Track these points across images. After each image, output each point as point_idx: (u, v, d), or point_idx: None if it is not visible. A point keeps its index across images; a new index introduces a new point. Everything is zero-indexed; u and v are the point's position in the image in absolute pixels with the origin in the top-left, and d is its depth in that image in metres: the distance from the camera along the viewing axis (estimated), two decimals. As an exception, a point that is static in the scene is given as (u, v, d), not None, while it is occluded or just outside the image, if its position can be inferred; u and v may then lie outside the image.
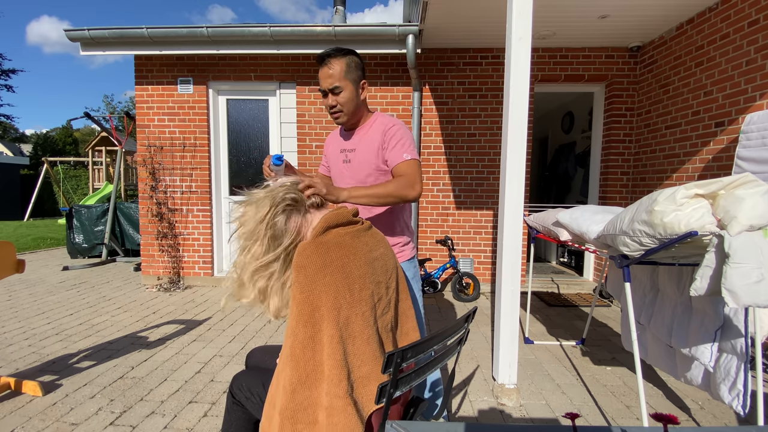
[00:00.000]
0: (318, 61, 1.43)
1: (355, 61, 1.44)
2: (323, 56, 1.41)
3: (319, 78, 1.43)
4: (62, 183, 13.96)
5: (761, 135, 2.30)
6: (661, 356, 2.01)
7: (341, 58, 1.40)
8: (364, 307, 0.91)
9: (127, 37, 3.78)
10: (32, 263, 5.82)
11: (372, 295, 0.94)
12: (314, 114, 4.22)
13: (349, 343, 0.87)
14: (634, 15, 3.30)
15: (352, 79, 1.43)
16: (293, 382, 0.85)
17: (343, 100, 1.43)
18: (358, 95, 1.46)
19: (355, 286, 0.90)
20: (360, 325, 0.89)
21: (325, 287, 0.87)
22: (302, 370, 0.85)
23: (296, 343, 0.86)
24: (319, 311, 0.86)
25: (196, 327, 3.17)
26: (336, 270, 0.90)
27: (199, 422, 1.88)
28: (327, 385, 0.84)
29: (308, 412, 0.84)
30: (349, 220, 1.02)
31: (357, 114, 1.50)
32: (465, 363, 2.54)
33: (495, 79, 4.13)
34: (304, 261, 0.90)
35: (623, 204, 4.07)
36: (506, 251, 2.08)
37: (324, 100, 1.46)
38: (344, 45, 3.69)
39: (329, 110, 1.47)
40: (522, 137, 2.03)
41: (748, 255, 1.22)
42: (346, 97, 1.42)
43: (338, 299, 0.87)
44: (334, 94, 1.42)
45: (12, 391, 2.12)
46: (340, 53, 1.41)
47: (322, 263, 0.89)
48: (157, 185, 4.35)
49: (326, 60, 1.40)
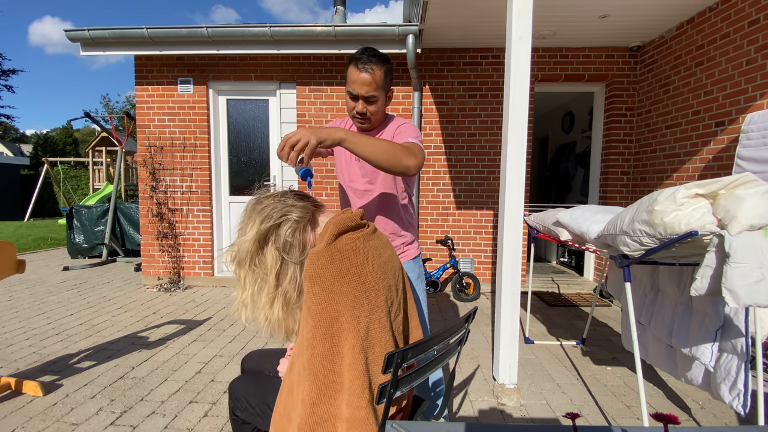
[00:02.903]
0: (355, 62, 1.31)
1: (391, 70, 1.38)
2: (364, 60, 1.29)
3: (353, 80, 1.32)
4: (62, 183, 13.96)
5: (762, 135, 2.30)
6: (661, 356, 2.00)
7: (382, 65, 1.31)
8: (381, 313, 0.89)
9: (127, 37, 3.78)
10: (32, 263, 5.83)
11: (386, 300, 0.92)
12: (314, 114, 4.22)
13: (370, 352, 0.86)
14: (634, 15, 3.30)
15: (385, 88, 1.36)
16: (312, 396, 0.83)
17: (374, 110, 1.37)
18: (387, 103, 1.42)
19: (371, 293, 0.88)
20: (378, 331, 0.88)
21: (342, 297, 0.84)
22: (321, 383, 0.83)
23: (314, 356, 0.83)
24: (338, 322, 0.84)
25: (197, 327, 3.17)
26: (353, 278, 0.87)
27: (200, 422, 1.88)
28: (348, 396, 0.82)
29: (327, 425, 0.83)
30: (357, 224, 0.99)
31: (378, 122, 1.46)
32: (465, 363, 2.54)
33: (495, 79, 4.13)
34: (319, 271, 0.86)
35: (623, 204, 4.07)
36: (506, 251, 2.08)
37: (351, 103, 1.37)
38: (344, 45, 3.74)
39: (356, 115, 1.38)
40: (522, 137, 2.03)
41: (748, 255, 1.22)
42: (378, 107, 1.37)
43: (357, 308, 0.85)
44: (368, 102, 1.34)
45: (12, 391, 2.12)
46: (380, 60, 1.31)
47: (338, 272, 0.86)
48: (158, 185, 4.35)
49: (368, 65, 1.29)
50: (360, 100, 1.35)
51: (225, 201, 4.51)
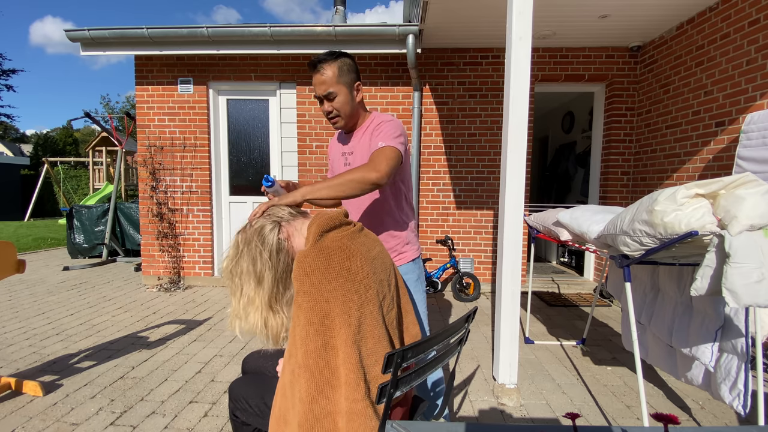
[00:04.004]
0: (310, 68, 1.40)
1: (347, 64, 1.41)
2: (314, 62, 1.37)
3: (314, 84, 1.40)
4: (63, 183, 13.97)
5: (762, 135, 2.30)
6: (661, 356, 2.00)
7: (332, 62, 1.37)
8: (372, 307, 0.90)
9: (127, 37, 3.78)
10: (33, 263, 5.83)
11: (377, 293, 0.93)
12: (314, 114, 4.22)
13: (363, 345, 0.87)
14: (634, 14, 3.30)
15: (345, 83, 1.39)
16: (310, 393, 0.83)
17: (338, 105, 1.40)
18: (353, 98, 1.43)
19: (361, 287, 0.90)
20: (370, 325, 0.89)
21: (332, 293, 0.86)
22: (318, 379, 0.84)
23: (309, 353, 0.84)
24: (329, 318, 0.85)
25: (197, 327, 3.17)
26: (341, 274, 0.88)
27: (200, 422, 1.88)
28: (345, 390, 0.83)
29: (328, 420, 0.83)
30: (342, 222, 1.01)
31: (354, 117, 1.48)
32: (465, 363, 2.54)
33: (495, 79, 4.13)
34: (307, 269, 0.88)
35: (623, 204, 4.07)
36: (506, 251, 2.08)
37: (320, 107, 1.44)
38: (344, 45, 3.73)
39: (326, 116, 1.45)
40: (522, 137, 2.03)
41: (748, 255, 1.22)
42: (341, 101, 1.40)
43: (347, 303, 0.86)
44: (329, 100, 1.40)
45: (12, 391, 2.12)
46: (331, 57, 1.38)
47: (325, 269, 0.88)
48: (158, 185, 4.35)
49: (318, 66, 1.37)
50: (324, 101, 1.41)
51: (225, 201, 4.51)
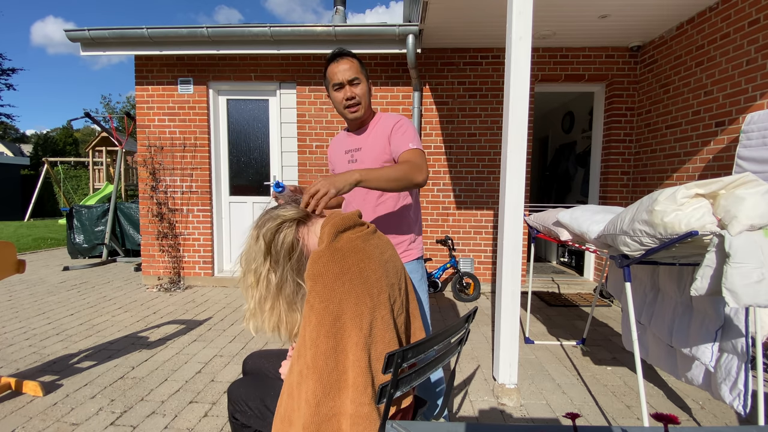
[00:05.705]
0: (332, 58, 1.45)
1: (364, 66, 1.51)
2: (338, 54, 1.45)
3: (334, 72, 1.44)
4: (62, 183, 13.96)
5: (762, 134, 2.30)
6: (661, 356, 2.00)
7: (354, 58, 1.47)
8: (384, 310, 0.90)
9: (127, 37, 3.78)
10: (33, 263, 5.83)
11: (389, 297, 0.93)
12: (314, 114, 4.22)
13: (373, 349, 0.86)
14: (634, 14, 3.30)
15: (366, 76, 1.48)
16: (317, 395, 0.83)
17: (360, 92, 1.45)
18: (370, 92, 1.51)
19: (374, 290, 0.89)
20: (381, 329, 0.88)
21: (345, 295, 0.85)
22: (326, 381, 0.83)
23: (318, 354, 0.83)
24: (341, 320, 0.84)
25: (197, 327, 3.17)
26: (354, 276, 0.87)
27: (200, 422, 1.88)
28: (352, 393, 0.83)
29: (332, 422, 0.83)
30: (356, 222, 0.99)
31: (368, 111, 1.53)
32: (465, 363, 2.54)
33: (495, 79, 4.13)
34: (321, 269, 0.87)
35: (624, 204, 4.07)
36: (506, 251, 2.08)
37: (338, 95, 1.45)
38: (345, 45, 3.73)
39: (346, 101, 1.45)
40: (522, 137, 2.03)
41: (748, 255, 1.21)
42: (363, 90, 1.46)
43: (360, 306, 0.86)
44: (353, 85, 1.44)
45: (12, 391, 2.12)
46: (353, 55, 1.47)
47: (339, 270, 0.87)
48: (158, 185, 4.35)
49: (343, 55, 1.45)
50: (345, 86, 1.44)
51: (225, 201, 4.51)
